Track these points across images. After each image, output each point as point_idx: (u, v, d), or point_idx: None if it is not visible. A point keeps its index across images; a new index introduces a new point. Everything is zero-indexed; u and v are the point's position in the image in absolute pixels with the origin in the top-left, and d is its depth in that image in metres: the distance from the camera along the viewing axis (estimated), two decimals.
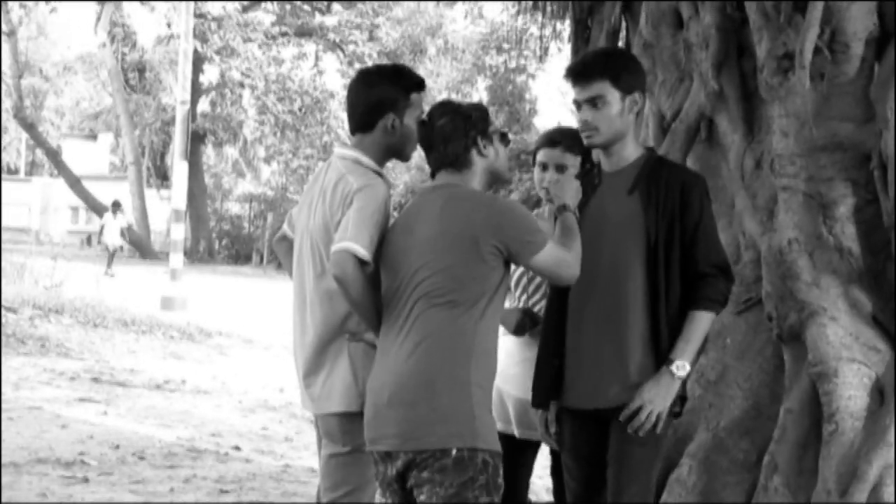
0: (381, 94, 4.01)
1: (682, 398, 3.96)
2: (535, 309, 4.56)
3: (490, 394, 3.62)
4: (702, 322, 3.88)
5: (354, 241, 3.72)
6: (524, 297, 4.64)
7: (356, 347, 3.90)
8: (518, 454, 4.57)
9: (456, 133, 3.73)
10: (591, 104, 3.97)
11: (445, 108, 3.80)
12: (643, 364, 3.87)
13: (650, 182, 3.94)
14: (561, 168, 4.52)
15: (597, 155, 4.21)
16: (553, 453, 4.61)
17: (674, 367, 3.81)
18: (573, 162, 4.53)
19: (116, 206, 31.85)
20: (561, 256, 3.67)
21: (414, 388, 3.50)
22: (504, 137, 3.85)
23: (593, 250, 3.89)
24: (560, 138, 4.60)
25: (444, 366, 3.50)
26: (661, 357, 3.86)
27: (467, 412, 3.48)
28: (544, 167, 4.57)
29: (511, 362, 4.53)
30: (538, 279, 4.58)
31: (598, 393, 3.92)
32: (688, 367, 3.84)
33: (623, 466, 3.87)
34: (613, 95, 3.95)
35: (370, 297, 3.76)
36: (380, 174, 3.98)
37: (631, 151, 4.04)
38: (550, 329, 4.10)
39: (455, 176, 3.74)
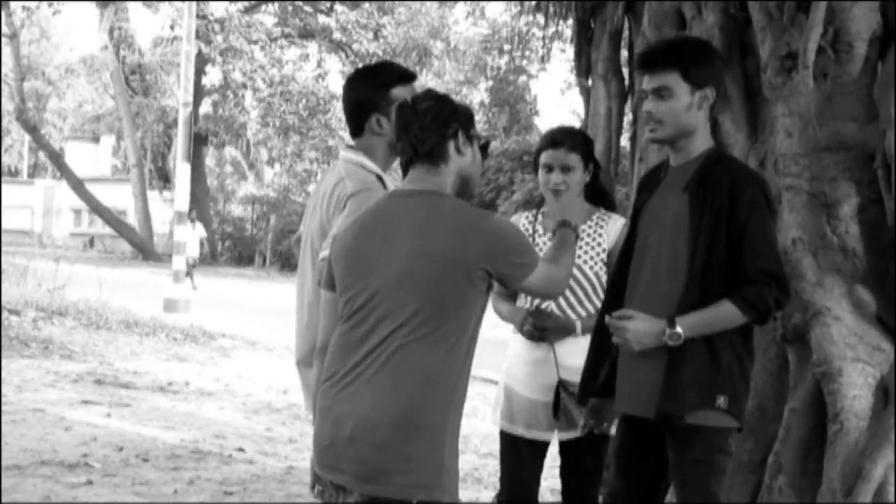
0: (360, 96, 3.96)
1: (738, 429, 3.79)
2: (543, 306, 4.53)
3: (457, 439, 3.31)
4: (724, 311, 3.64)
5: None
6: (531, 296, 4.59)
7: None
8: (525, 454, 4.56)
9: (438, 120, 3.40)
10: (657, 95, 3.80)
11: (431, 94, 3.51)
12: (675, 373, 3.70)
13: (703, 180, 3.76)
14: (566, 168, 4.52)
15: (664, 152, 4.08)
16: (562, 454, 4.60)
17: (667, 325, 3.63)
18: (577, 162, 4.54)
19: (192, 214, 29.15)
20: (551, 274, 3.41)
21: (383, 430, 3.16)
22: (485, 148, 3.54)
23: (646, 248, 3.83)
24: (563, 138, 4.60)
25: (421, 413, 3.18)
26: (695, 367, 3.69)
27: (436, 463, 3.19)
28: (549, 168, 4.56)
29: (519, 362, 4.52)
30: None
31: (635, 399, 3.82)
32: (681, 337, 3.60)
33: (682, 486, 3.77)
34: (682, 88, 3.76)
35: None
36: (381, 178, 3.89)
37: (698, 146, 3.85)
38: (602, 323, 3.94)
39: (431, 174, 3.38)
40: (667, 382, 3.72)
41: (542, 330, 4.45)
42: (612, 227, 4.61)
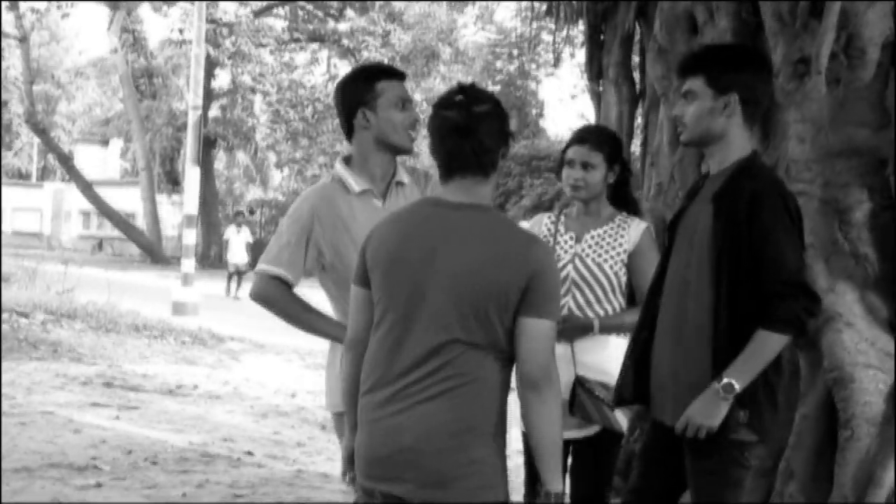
0: (346, 93, 4.03)
1: (760, 442, 3.75)
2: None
3: (506, 442, 3.35)
4: (763, 342, 3.59)
5: (269, 263, 4.01)
6: None
7: None
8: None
9: (497, 125, 3.25)
10: (684, 98, 3.84)
11: (482, 93, 3.30)
12: (696, 384, 3.68)
13: (727, 190, 3.72)
14: (587, 166, 4.56)
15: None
16: (573, 453, 4.58)
17: (717, 384, 3.58)
18: (599, 161, 4.58)
19: (240, 217, 28.18)
20: (551, 351, 3.20)
21: (445, 437, 3.16)
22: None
23: (678, 259, 3.83)
24: (588, 136, 4.66)
25: (479, 416, 3.19)
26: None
27: (496, 464, 3.22)
28: (571, 164, 4.60)
29: None
30: (564, 273, 4.55)
31: (662, 406, 3.83)
32: (736, 387, 3.56)
33: (696, 495, 3.76)
34: (706, 92, 3.76)
35: (302, 308, 3.94)
36: (341, 179, 4.05)
37: (732, 155, 3.80)
38: (639, 332, 3.97)
39: (479, 184, 3.27)
40: (675, 391, 3.75)
41: (562, 330, 4.46)
42: (633, 230, 4.62)
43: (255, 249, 25.24)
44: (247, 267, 25.24)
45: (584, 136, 4.65)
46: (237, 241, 25.91)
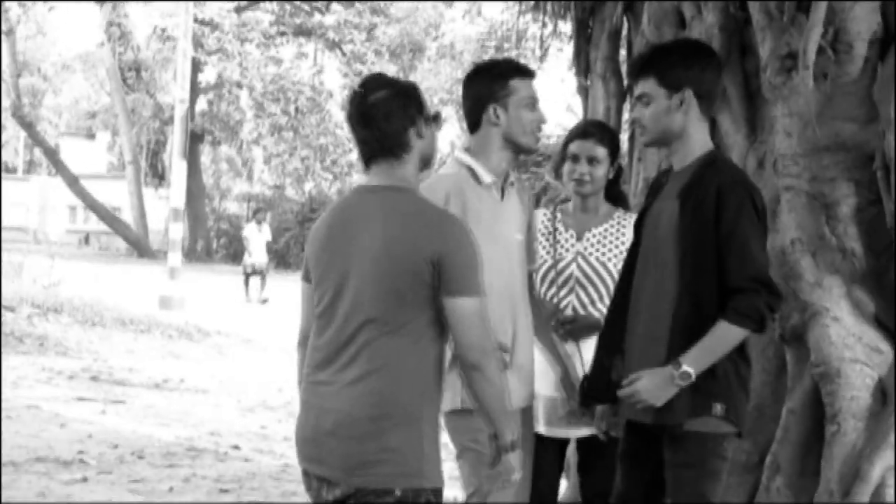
0: (477, 88, 4.09)
1: (738, 434, 3.76)
2: (563, 305, 4.52)
3: (437, 426, 3.36)
4: (721, 333, 3.60)
5: None
6: (552, 292, 4.58)
7: None
8: (547, 453, 4.48)
9: (399, 109, 3.33)
10: (640, 101, 3.85)
11: (381, 80, 3.42)
12: None
13: (692, 186, 3.73)
14: (592, 160, 4.54)
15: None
16: (581, 451, 4.58)
17: (675, 370, 3.58)
18: (604, 156, 4.56)
19: (261, 214, 26.98)
20: (482, 326, 3.24)
21: (363, 423, 3.22)
22: (437, 118, 3.48)
23: (646, 255, 3.83)
24: (594, 130, 4.66)
25: (397, 402, 3.23)
26: None
27: (416, 451, 3.25)
28: (576, 158, 4.57)
29: (538, 360, 4.49)
30: (568, 272, 4.55)
31: (631, 403, 3.78)
32: (691, 375, 3.59)
33: (674, 487, 3.73)
34: (659, 92, 3.77)
35: None
36: (470, 168, 4.06)
37: (693, 150, 3.82)
38: (608, 329, 3.98)
39: (395, 167, 3.35)
40: None
41: (571, 329, 4.46)
42: (632, 227, 4.60)
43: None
44: (267, 267, 24.42)
45: (589, 131, 4.63)
46: (258, 240, 24.48)
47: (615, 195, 4.75)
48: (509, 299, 4.04)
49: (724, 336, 3.62)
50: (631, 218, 4.61)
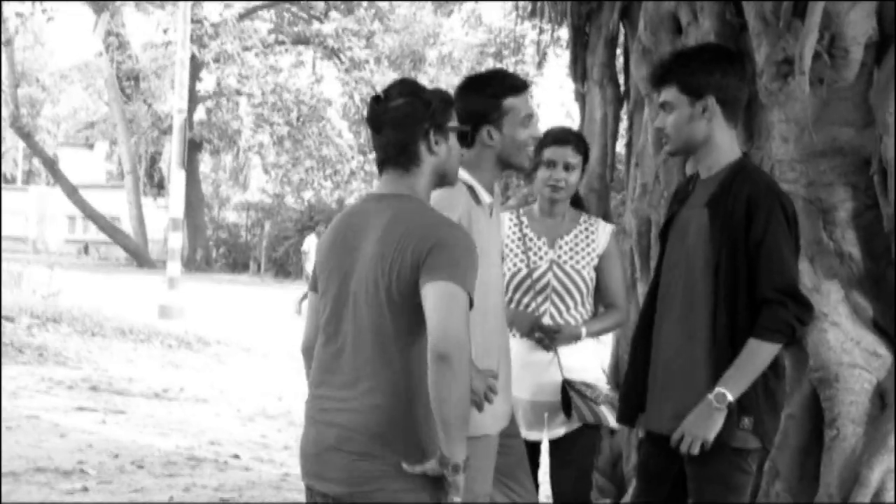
0: (471, 106, 3.85)
1: (763, 449, 3.76)
2: (538, 313, 4.56)
3: (435, 430, 3.16)
4: (753, 351, 3.57)
5: None
6: (527, 299, 4.61)
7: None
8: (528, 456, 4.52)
9: (409, 119, 3.22)
10: (663, 110, 3.82)
11: (405, 87, 3.30)
12: (695, 393, 3.64)
13: (722, 194, 3.69)
14: (568, 167, 4.60)
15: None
16: (553, 451, 4.62)
17: (712, 396, 3.55)
18: (579, 163, 4.65)
19: (321, 227, 26.00)
20: (462, 318, 3.01)
21: (367, 441, 3.14)
22: (463, 136, 3.40)
23: (673, 265, 3.80)
24: (570, 137, 4.70)
25: (399, 416, 3.14)
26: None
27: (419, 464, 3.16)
28: (552, 164, 4.61)
29: (516, 365, 4.51)
30: (544, 281, 4.58)
31: (660, 416, 3.79)
32: (729, 398, 3.54)
33: (699, 502, 3.72)
34: (681, 100, 3.74)
35: None
36: (472, 188, 3.92)
37: (721, 158, 3.79)
38: (637, 342, 3.94)
39: (402, 177, 3.26)
40: (675, 400, 3.72)
41: (552, 339, 4.50)
42: (602, 233, 4.72)
43: None
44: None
45: (565, 137, 4.68)
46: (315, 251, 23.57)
47: (575, 198, 4.83)
48: (502, 322, 4.00)
49: (757, 353, 3.58)
50: (599, 224, 4.73)
